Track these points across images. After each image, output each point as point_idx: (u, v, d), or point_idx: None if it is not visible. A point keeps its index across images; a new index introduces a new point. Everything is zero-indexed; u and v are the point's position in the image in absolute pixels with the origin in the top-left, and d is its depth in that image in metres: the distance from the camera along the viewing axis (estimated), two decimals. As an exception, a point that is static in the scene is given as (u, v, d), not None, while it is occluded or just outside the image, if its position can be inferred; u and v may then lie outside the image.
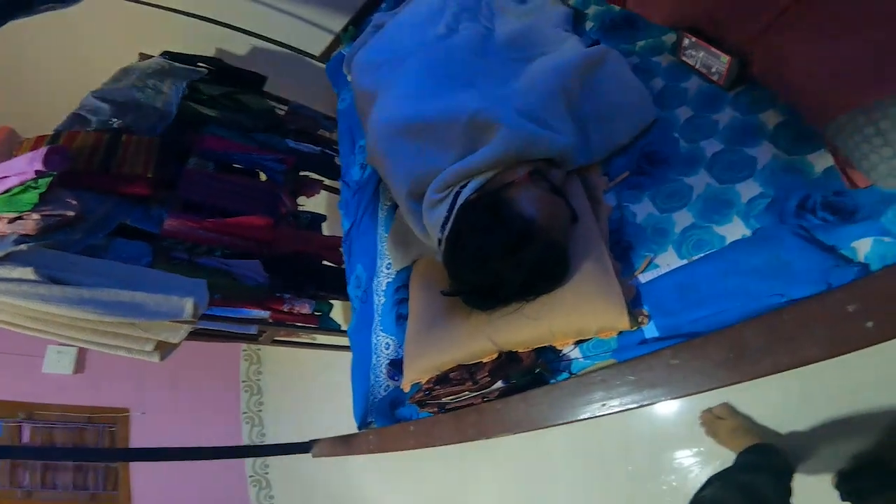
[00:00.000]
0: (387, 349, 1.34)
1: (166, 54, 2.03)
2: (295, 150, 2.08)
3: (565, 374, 0.89)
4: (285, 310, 1.89)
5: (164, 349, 1.57)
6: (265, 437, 3.17)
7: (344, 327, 2.17)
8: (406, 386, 1.12)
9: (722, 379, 0.58)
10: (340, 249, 2.09)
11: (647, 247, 0.86)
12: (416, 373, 1.07)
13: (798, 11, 0.73)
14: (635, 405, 0.66)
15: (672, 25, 0.95)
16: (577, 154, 0.96)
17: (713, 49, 0.86)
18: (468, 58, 1.06)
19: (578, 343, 0.88)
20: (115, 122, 1.74)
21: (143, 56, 2.08)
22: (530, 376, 0.89)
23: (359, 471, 2.56)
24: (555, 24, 1.09)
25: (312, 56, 2.14)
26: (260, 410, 3.24)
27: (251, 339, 1.92)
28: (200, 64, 2.04)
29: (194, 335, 1.64)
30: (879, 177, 0.60)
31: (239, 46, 2.31)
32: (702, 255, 0.79)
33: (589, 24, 1.13)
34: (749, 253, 0.73)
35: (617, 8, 1.05)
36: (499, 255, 0.81)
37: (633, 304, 0.82)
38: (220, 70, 2.07)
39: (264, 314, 1.84)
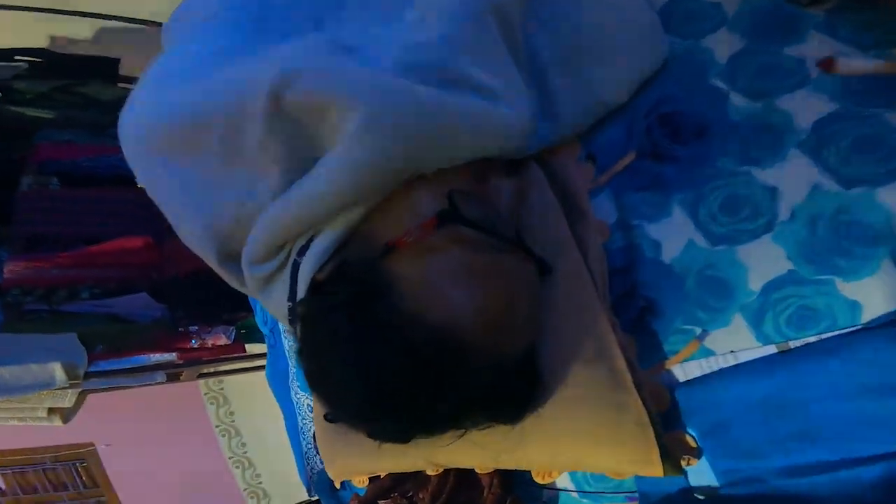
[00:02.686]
0: (311, 412, 1.03)
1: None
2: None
3: (549, 512, 0.54)
4: (195, 346, 1.50)
5: (63, 412, 1.31)
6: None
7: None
8: (336, 482, 0.82)
9: None
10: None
11: (689, 313, 0.44)
12: (340, 475, 0.76)
13: None
14: None
15: None
16: (536, 131, 0.52)
17: None
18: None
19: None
20: None
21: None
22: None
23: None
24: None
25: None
26: (245, 451, 2.93)
27: (170, 379, 1.54)
28: (19, 58, 1.54)
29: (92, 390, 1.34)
30: None
31: (82, 30, 1.83)
32: (812, 338, 0.39)
33: None
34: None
35: None
36: (398, 397, 0.40)
37: (667, 422, 0.44)
38: (50, 62, 1.57)
39: (169, 357, 1.45)
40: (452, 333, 0.37)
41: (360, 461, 0.66)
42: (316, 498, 1.04)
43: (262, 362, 1.79)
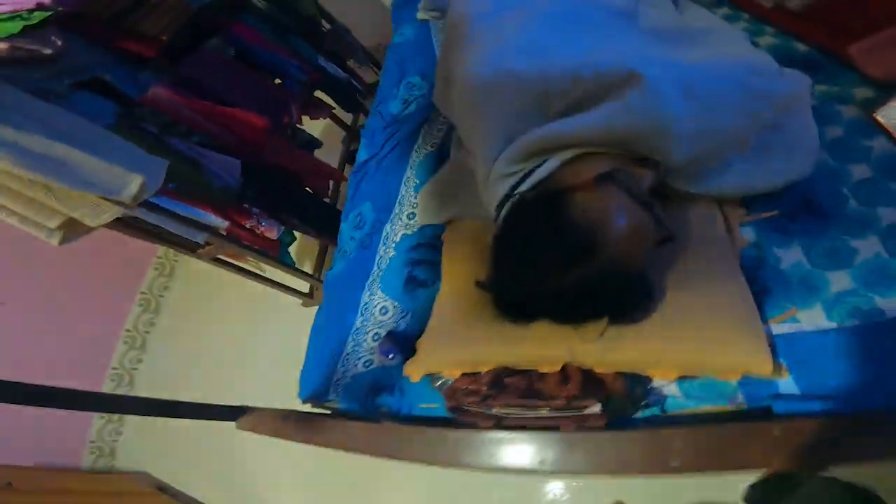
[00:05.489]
0: (383, 314, 1.10)
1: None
2: (323, 68, 1.84)
3: (656, 410, 0.74)
4: (248, 226, 1.59)
5: (70, 232, 1.24)
6: (140, 365, 2.68)
7: (299, 266, 1.89)
8: (415, 376, 0.91)
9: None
10: (329, 179, 1.88)
11: (791, 297, 0.74)
12: (443, 364, 0.87)
13: None
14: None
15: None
16: (692, 174, 0.79)
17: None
18: (610, 19, 0.87)
19: (680, 378, 0.74)
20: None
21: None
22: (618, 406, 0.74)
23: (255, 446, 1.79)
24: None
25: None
26: (147, 332, 2.68)
27: (191, 248, 1.57)
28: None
29: (119, 223, 1.30)
30: None
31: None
32: (858, 322, 0.69)
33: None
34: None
35: (802, 47, 0.96)
36: (546, 269, 0.67)
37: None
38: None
39: (221, 223, 1.53)
40: (598, 237, 0.65)
41: (485, 347, 0.82)
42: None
43: (271, 275, 1.85)
